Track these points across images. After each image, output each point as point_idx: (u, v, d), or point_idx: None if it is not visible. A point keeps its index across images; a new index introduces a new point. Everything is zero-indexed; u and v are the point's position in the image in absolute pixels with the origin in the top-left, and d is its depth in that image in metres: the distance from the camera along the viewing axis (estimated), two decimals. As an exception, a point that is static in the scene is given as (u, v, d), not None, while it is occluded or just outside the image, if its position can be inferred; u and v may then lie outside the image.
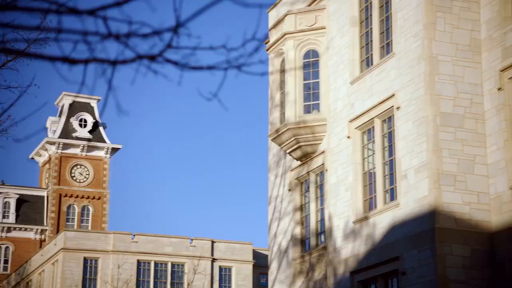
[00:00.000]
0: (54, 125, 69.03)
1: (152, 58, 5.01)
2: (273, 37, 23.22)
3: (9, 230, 65.23)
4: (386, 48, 19.71)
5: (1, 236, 64.96)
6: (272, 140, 23.26)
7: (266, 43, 23.73)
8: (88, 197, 68.03)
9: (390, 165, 19.05)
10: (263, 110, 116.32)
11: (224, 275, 52.14)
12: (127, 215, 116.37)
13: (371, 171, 19.79)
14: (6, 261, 64.78)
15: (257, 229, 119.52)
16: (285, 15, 22.60)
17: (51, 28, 4.54)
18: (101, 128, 70.36)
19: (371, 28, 20.38)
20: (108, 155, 69.32)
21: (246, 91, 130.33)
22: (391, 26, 19.51)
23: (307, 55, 22.41)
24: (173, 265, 50.46)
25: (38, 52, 4.94)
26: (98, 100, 70.41)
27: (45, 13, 4.49)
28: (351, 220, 19.95)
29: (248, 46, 5.32)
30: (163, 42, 4.94)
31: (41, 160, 70.72)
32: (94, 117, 70.05)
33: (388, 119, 19.31)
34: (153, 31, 4.91)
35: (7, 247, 65.16)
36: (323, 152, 21.81)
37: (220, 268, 52.00)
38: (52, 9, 4.45)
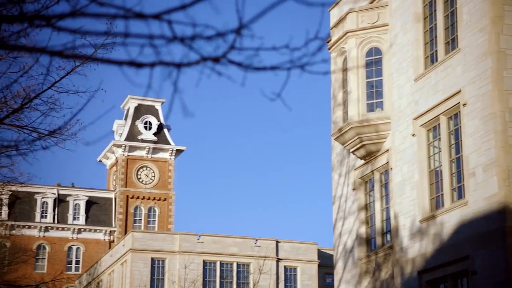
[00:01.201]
0: (120, 128, 70.51)
1: (216, 60, 5.06)
2: (335, 35, 23.11)
3: (79, 231, 66.98)
4: (451, 43, 19.34)
5: (72, 237, 66.75)
6: (335, 139, 23.14)
7: (327, 42, 23.63)
8: (154, 199, 69.19)
9: (457, 162, 18.67)
10: (326, 109, 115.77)
11: (290, 275, 52.14)
12: (192, 215, 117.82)
13: (437, 169, 19.45)
14: (77, 262, 66.55)
15: (321, 228, 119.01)
16: (347, 13, 22.45)
17: (118, 33, 4.64)
18: (165, 130, 71.48)
19: (435, 24, 20.03)
20: (172, 157, 70.35)
21: (308, 90, 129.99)
22: (456, 21, 19.13)
23: (369, 53, 22.20)
24: (238, 265, 50.77)
25: (105, 57, 5.07)
26: (162, 102, 71.53)
27: (112, 19, 4.60)
28: (418, 219, 19.66)
29: (311, 46, 5.32)
30: (226, 43, 4.99)
31: (108, 162, 72.34)
32: (159, 120, 71.21)
33: (454, 116, 18.94)
34: (217, 33, 4.96)
35: (78, 248, 66.93)
36: (387, 150, 21.56)
37: (285, 268, 52.03)
38: (119, 14, 4.55)
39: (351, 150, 22.63)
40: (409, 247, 19.99)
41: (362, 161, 22.69)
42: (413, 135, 20.27)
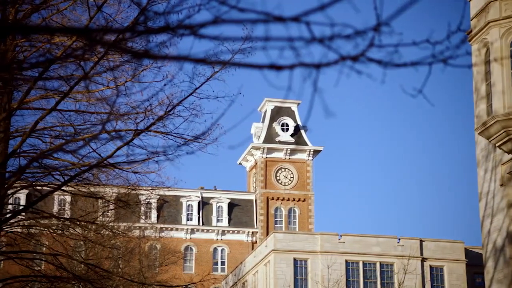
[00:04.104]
0: (258, 131, 71.81)
1: (355, 58, 5.02)
2: (476, 26, 22.25)
3: (223, 233, 68.87)
4: None
5: (217, 239, 68.75)
6: (479, 134, 22.28)
7: (468, 34, 22.80)
8: (293, 199, 69.80)
9: None
10: (468, 103, 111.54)
11: (436, 274, 50.73)
12: (332, 215, 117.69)
13: None
14: (223, 263, 68.46)
15: (467, 226, 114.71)
16: (489, 3, 21.55)
17: (259, 37, 4.72)
18: (302, 131, 71.93)
19: None
20: (310, 157, 70.64)
21: (447, 84, 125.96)
22: None
23: (514, 41, 21.17)
24: (381, 265, 50.06)
25: (246, 62, 5.18)
26: (298, 104, 72.06)
27: (253, 24, 4.69)
28: None
29: (452, 38, 5.17)
30: (365, 41, 4.94)
31: (248, 165, 73.86)
32: (295, 121, 71.80)
33: None
34: (355, 32, 4.92)
35: (222, 249, 68.85)
36: (537, 143, 20.46)
37: (431, 268, 50.68)
38: (260, 19, 4.63)
39: (497, 145, 21.68)
40: None
41: (510, 156, 21.67)
42: None
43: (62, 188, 17.92)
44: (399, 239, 50.93)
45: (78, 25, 16.05)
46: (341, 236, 50.52)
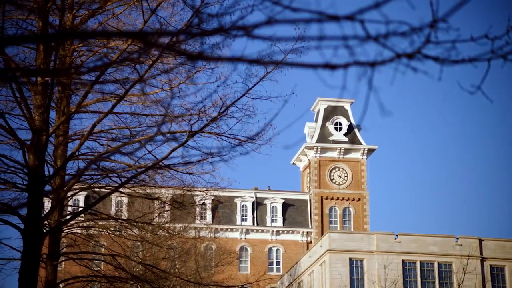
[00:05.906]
0: (311, 131, 71.59)
1: (411, 56, 4.96)
2: (534, 19, 21.67)
3: (278, 233, 68.87)
4: None
5: (272, 239, 68.80)
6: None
7: (526, 27, 22.22)
8: (348, 199, 69.31)
9: None
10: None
11: (496, 274, 49.64)
12: (387, 215, 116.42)
13: None
14: (278, 263, 68.48)
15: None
16: (546, -6, 20.96)
17: (312, 36, 4.69)
18: (356, 130, 71.38)
19: None
20: (364, 157, 70.03)
21: (507, 79, 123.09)
22: None
23: None
24: (439, 264, 49.26)
25: (299, 61, 5.16)
26: (351, 102, 71.52)
27: (306, 23, 4.67)
28: None
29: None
30: (421, 38, 4.87)
31: (301, 165, 73.69)
32: (349, 120, 71.29)
33: None
34: (411, 29, 4.86)
35: (277, 250, 68.86)
36: None
37: (491, 268, 49.60)
38: (314, 18, 4.61)
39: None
40: None
41: None
42: None
43: (119, 189, 18.21)
44: (457, 238, 50.04)
45: (133, 29, 16.29)
46: (397, 235, 49.91)
